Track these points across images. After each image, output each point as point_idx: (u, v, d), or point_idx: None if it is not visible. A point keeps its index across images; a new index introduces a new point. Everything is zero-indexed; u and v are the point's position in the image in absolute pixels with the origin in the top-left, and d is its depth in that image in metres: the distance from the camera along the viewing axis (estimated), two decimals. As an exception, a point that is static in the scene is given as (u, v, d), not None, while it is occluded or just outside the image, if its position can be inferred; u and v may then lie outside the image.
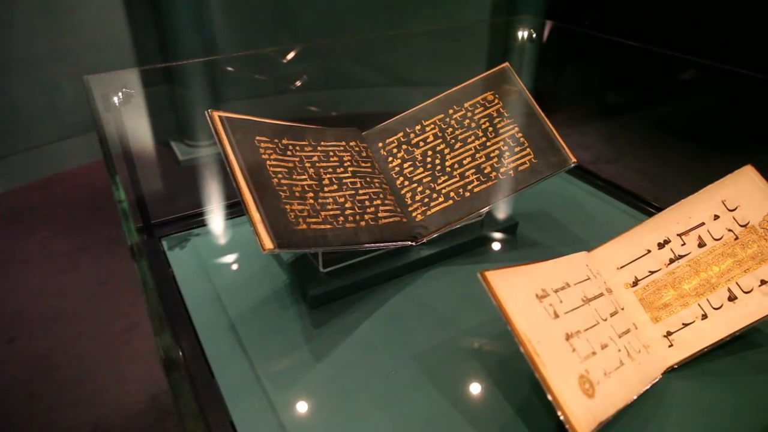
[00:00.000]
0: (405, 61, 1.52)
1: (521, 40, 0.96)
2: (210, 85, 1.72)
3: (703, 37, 1.72)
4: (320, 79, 1.79)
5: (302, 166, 0.64)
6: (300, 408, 0.53)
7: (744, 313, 0.56)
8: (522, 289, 0.46)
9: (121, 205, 0.40)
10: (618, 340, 0.51)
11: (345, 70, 1.73)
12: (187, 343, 0.60)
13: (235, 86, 1.76)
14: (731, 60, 0.87)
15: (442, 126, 0.74)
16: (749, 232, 0.58)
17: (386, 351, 0.58)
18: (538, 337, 0.43)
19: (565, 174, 0.96)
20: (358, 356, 0.58)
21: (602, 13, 1.99)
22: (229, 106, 1.82)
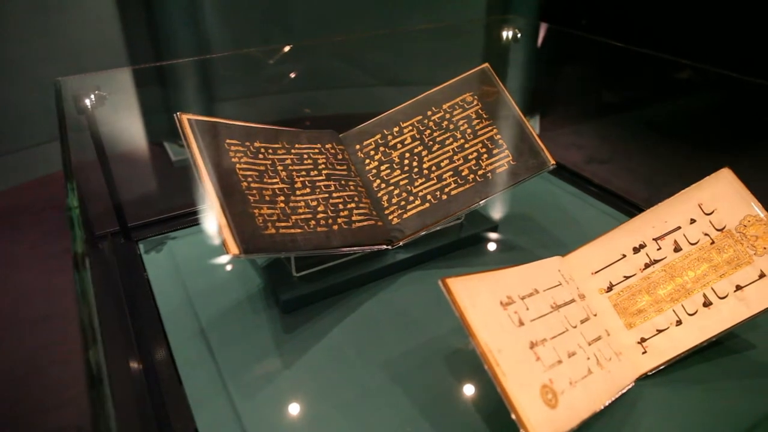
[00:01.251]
0: (400, 60, 1.51)
1: (506, 39, 0.94)
2: (203, 85, 1.71)
3: (700, 38, 1.70)
4: (314, 78, 1.78)
5: (274, 169, 0.63)
6: (265, 416, 0.52)
7: (718, 320, 0.55)
8: (485, 297, 0.45)
9: (70, 212, 0.40)
10: (587, 348, 0.50)
11: (338, 69, 1.72)
12: (158, 348, 0.60)
13: (228, 86, 1.76)
14: (728, 63, 0.86)
15: (420, 128, 0.73)
16: (725, 236, 0.57)
17: (357, 357, 0.58)
18: (500, 346, 0.42)
19: (549, 175, 0.95)
20: (328, 362, 0.57)
21: (599, 12, 1.97)
22: (223, 105, 1.81)
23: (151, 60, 1.81)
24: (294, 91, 1.82)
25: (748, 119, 1.17)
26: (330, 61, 1.73)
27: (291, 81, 1.87)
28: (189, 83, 1.65)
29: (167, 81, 1.65)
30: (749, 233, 0.57)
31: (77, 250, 0.35)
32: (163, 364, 0.58)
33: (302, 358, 0.58)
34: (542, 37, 1.81)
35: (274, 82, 1.73)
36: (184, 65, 1.65)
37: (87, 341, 0.27)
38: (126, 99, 1.26)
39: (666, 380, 0.55)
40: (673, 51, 1.04)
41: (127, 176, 1.16)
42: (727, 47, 1.60)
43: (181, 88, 1.67)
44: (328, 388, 0.54)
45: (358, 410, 0.52)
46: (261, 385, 0.55)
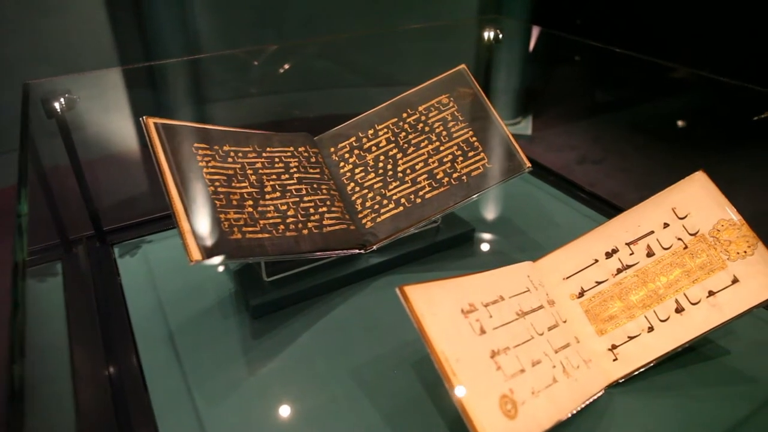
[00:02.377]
0: (388, 60, 1.50)
1: (488, 40, 0.93)
2: (192, 86, 1.70)
3: (696, 41, 1.69)
4: (306, 79, 1.77)
5: (243, 173, 0.62)
6: (228, 423, 0.51)
7: (691, 326, 0.54)
8: (445, 305, 0.44)
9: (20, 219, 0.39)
10: (554, 356, 0.49)
11: (329, 69, 1.71)
12: (126, 353, 0.59)
13: (218, 87, 1.75)
14: (724, 68, 0.85)
15: (396, 130, 0.72)
16: (699, 240, 0.56)
17: (324, 363, 0.57)
18: (458, 356, 0.42)
19: (531, 177, 0.94)
20: (295, 369, 0.56)
21: (593, 12, 1.96)
22: (212, 107, 1.81)
23: (141, 61, 1.81)
24: (285, 92, 1.81)
25: (739, 121, 1.16)
26: (320, 62, 1.72)
27: (282, 82, 1.86)
28: (178, 84, 1.65)
29: (156, 82, 1.64)
30: (723, 238, 0.56)
31: (19, 259, 0.35)
32: (130, 369, 0.57)
33: (269, 364, 0.57)
34: (532, 38, 1.80)
35: (264, 83, 1.72)
36: (174, 66, 1.65)
37: (14, 354, 0.26)
38: (111, 101, 1.26)
39: (637, 388, 0.54)
40: (667, 51, 1.03)
41: (106, 179, 1.16)
42: (723, 52, 1.60)
43: (170, 89, 1.67)
44: (294, 396, 0.54)
45: (323, 418, 0.51)
46: (226, 392, 0.54)
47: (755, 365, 0.57)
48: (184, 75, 1.63)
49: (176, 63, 1.61)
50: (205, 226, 0.54)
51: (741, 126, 1.32)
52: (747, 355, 0.58)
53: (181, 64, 1.64)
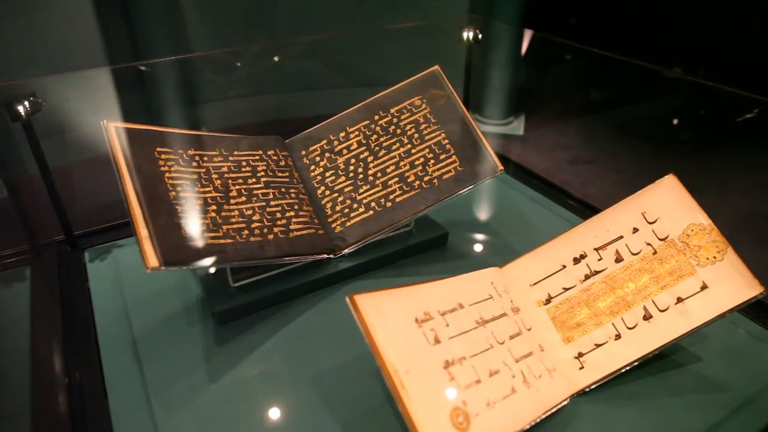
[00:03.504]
0: (373, 60, 1.49)
1: (467, 40, 0.92)
2: (183, 86, 1.70)
3: (690, 44, 1.67)
4: (296, 79, 1.76)
5: (208, 177, 0.61)
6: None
7: (658, 334, 0.52)
8: (397, 314, 0.43)
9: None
10: (514, 365, 0.48)
11: (318, 69, 1.70)
12: (89, 360, 0.58)
13: (208, 87, 1.74)
14: (716, 71, 0.85)
15: (367, 133, 0.71)
16: (668, 246, 0.55)
17: (286, 371, 0.56)
18: (407, 367, 0.41)
19: (511, 179, 0.93)
20: (256, 377, 0.56)
21: (588, 10, 1.94)
22: (203, 107, 1.80)
23: (130, 61, 1.80)
24: (276, 92, 1.80)
25: (731, 123, 1.15)
26: (311, 61, 1.71)
27: (272, 82, 1.85)
28: (167, 85, 1.64)
29: (144, 83, 1.63)
30: (692, 243, 0.54)
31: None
32: (91, 376, 0.56)
33: (230, 372, 0.56)
34: (519, 39, 1.79)
35: (253, 83, 1.72)
36: (163, 67, 1.64)
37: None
38: (100, 102, 1.25)
39: (604, 396, 0.53)
40: (662, 53, 1.02)
41: (88, 182, 1.15)
42: (715, 56, 1.59)
43: (159, 90, 1.66)
44: (252, 404, 0.53)
45: (280, 427, 0.50)
46: (185, 400, 0.53)
47: (726, 372, 0.56)
48: (173, 75, 1.63)
49: (165, 63, 1.60)
50: (164, 232, 0.54)
51: (733, 127, 1.30)
52: (719, 362, 0.57)
53: (171, 65, 1.64)
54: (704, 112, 1.34)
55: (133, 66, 1.60)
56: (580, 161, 1.67)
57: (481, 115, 1.80)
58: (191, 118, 1.78)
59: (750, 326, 0.62)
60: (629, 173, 1.55)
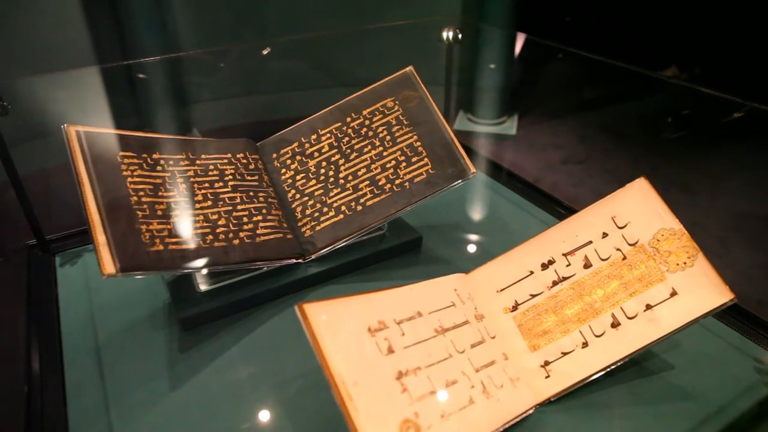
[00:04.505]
0: (368, 60, 1.48)
1: (446, 40, 0.91)
2: (173, 87, 1.69)
3: (681, 47, 1.66)
4: (286, 79, 1.75)
5: (173, 181, 0.61)
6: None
7: (626, 342, 0.51)
8: (349, 323, 0.42)
9: None
10: (473, 375, 0.47)
11: (306, 69, 1.69)
12: (51, 367, 0.58)
13: (196, 87, 1.74)
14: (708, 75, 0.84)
15: (339, 135, 0.70)
16: (638, 251, 0.53)
17: (249, 379, 0.55)
18: (356, 378, 0.40)
19: (491, 180, 0.91)
20: (218, 384, 0.55)
21: (581, 11, 1.92)
22: (194, 108, 1.79)
23: (119, 61, 1.80)
24: (265, 92, 1.80)
25: (721, 125, 1.14)
26: (300, 61, 1.70)
27: (262, 82, 1.85)
28: (156, 85, 1.63)
29: (134, 83, 1.63)
30: (662, 248, 0.53)
31: None
32: (52, 384, 0.56)
33: (193, 379, 0.55)
34: (500, 38, 1.77)
35: (240, 83, 1.71)
36: (152, 67, 1.63)
37: None
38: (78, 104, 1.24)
39: (571, 406, 0.52)
40: (656, 54, 1.01)
41: (59, 185, 1.14)
42: (706, 61, 1.57)
43: (148, 90, 1.65)
44: (210, 413, 0.52)
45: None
46: (144, 408, 0.52)
47: (698, 381, 0.54)
48: (162, 75, 1.63)
49: (155, 64, 1.60)
50: (123, 238, 0.53)
51: (725, 128, 1.29)
52: (691, 370, 0.55)
53: (160, 65, 1.63)
54: (697, 114, 1.33)
55: (123, 66, 1.59)
56: (571, 161, 1.65)
57: (474, 115, 1.79)
58: (181, 118, 1.78)
59: (726, 332, 0.61)
60: (620, 173, 1.53)
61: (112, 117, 1.29)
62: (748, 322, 0.62)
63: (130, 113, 1.67)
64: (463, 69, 1.81)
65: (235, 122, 1.93)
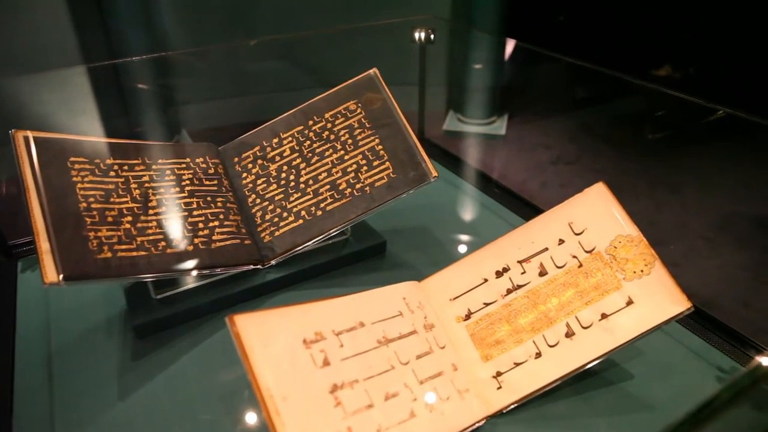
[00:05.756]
0: (352, 59, 1.47)
1: (419, 40, 0.89)
2: (161, 88, 1.69)
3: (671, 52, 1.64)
4: (273, 79, 1.74)
5: (126, 187, 0.60)
6: (82, 455, 0.49)
7: (580, 352, 0.50)
8: (283, 335, 0.41)
9: None
10: (417, 387, 0.46)
11: (296, 69, 1.68)
12: (0, 373, 0.57)
13: (186, 88, 1.73)
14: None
15: (301, 139, 0.69)
16: (594, 258, 0.52)
17: (198, 388, 0.54)
18: (286, 393, 0.38)
19: (465, 183, 0.90)
20: (167, 393, 0.54)
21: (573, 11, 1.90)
22: (182, 109, 1.79)
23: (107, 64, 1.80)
24: (253, 93, 1.79)
25: (711, 125, 1.13)
26: (289, 61, 1.70)
27: (251, 82, 1.84)
28: (143, 86, 1.63)
29: (121, 84, 1.62)
30: (619, 255, 0.51)
31: None
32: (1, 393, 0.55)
33: (141, 388, 0.54)
34: (490, 38, 1.75)
35: (230, 83, 1.71)
36: (139, 67, 1.63)
37: None
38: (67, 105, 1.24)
39: (524, 417, 0.50)
40: (650, 53, 0.99)
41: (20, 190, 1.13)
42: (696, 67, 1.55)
43: (135, 91, 1.65)
44: (155, 423, 0.51)
45: (181, 449, 0.49)
46: (89, 418, 0.51)
47: (657, 391, 0.53)
48: (149, 76, 1.62)
49: (142, 64, 1.60)
50: (68, 246, 0.52)
51: (714, 129, 1.27)
52: (651, 380, 0.54)
53: (147, 66, 1.63)
54: (678, 114, 1.31)
55: (109, 67, 1.59)
56: (561, 161, 1.63)
57: (463, 115, 1.77)
58: (170, 119, 1.77)
59: (691, 340, 0.59)
60: (609, 173, 1.51)
61: (100, 119, 1.29)
62: (713, 329, 0.61)
63: (117, 115, 1.67)
64: (452, 69, 1.79)
65: (226, 123, 1.93)
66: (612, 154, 1.62)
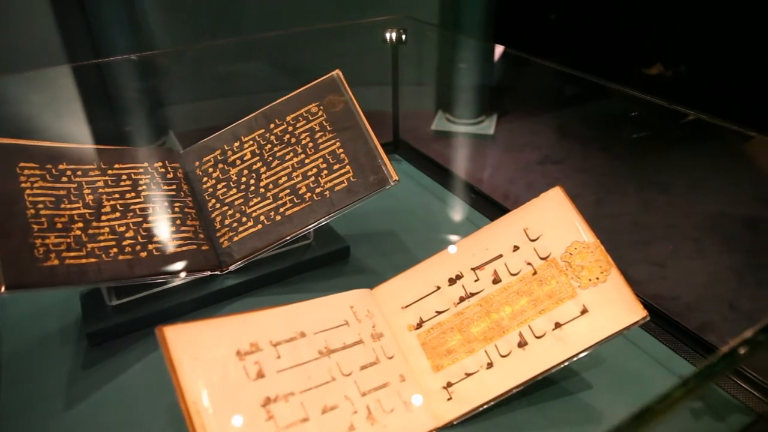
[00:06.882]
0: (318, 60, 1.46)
1: (390, 40, 0.88)
2: (148, 88, 1.68)
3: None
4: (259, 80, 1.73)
5: (78, 193, 0.59)
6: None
7: (533, 363, 0.48)
8: (214, 347, 0.40)
9: None
10: (358, 399, 0.44)
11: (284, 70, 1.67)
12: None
13: (173, 88, 1.73)
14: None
15: (262, 142, 0.67)
16: (549, 265, 0.51)
17: (147, 398, 0.53)
18: (214, 407, 0.37)
19: (436, 184, 0.88)
20: (115, 403, 0.53)
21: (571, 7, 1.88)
22: (169, 109, 1.78)
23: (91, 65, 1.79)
24: (244, 94, 1.78)
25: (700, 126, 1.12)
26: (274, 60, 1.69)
27: (240, 83, 1.83)
28: (129, 86, 1.62)
29: (106, 85, 1.62)
30: (575, 263, 0.50)
31: None
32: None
33: (90, 397, 0.53)
34: (478, 36, 1.73)
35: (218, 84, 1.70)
36: (125, 68, 1.62)
37: None
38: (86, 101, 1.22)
39: (477, 428, 0.49)
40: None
41: None
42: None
43: (125, 91, 1.64)
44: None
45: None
46: (34, 428, 0.51)
47: (616, 401, 0.51)
48: (135, 76, 1.62)
49: (128, 65, 1.59)
50: (12, 254, 0.51)
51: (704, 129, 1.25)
52: (610, 389, 0.53)
53: (133, 66, 1.62)
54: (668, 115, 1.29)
55: (94, 67, 1.58)
56: (549, 161, 1.61)
57: (452, 115, 1.76)
58: (157, 120, 1.77)
59: (654, 347, 0.58)
60: (596, 173, 1.50)
61: (86, 120, 1.28)
62: (679, 335, 0.59)
63: (102, 117, 1.66)
64: (440, 69, 1.77)
65: (214, 123, 1.92)
66: (601, 154, 1.61)
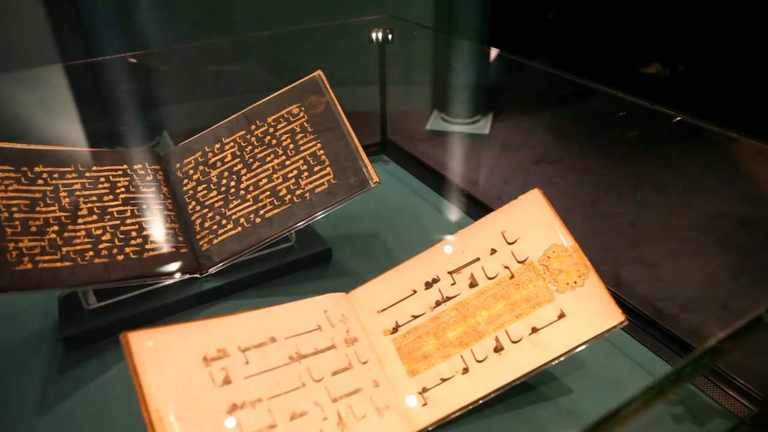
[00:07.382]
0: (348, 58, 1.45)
1: (376, 40, 0.87)
2: (142, 88, 1.68)
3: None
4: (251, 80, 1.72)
5: (55, 196, 0.58)
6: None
7: (509, 368, 0.48)
8: (180, 352, 0.39)
9: None
10: (329, 406, 0.44)
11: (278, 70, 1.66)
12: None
13: (169, 87, 1.72)
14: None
15: (242, 144, 0.67)
16: (527, 269, 0.50)
17: (121, 405, 0.53)
18: (177, 414, 0.37)
19: (422, 186, 0.88)
20: (88, 410, 0.52)
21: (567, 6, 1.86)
22: (163, 109, 1.78)
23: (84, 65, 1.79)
24: (238, 93, 1.77)
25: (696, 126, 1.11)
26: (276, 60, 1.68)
27: (235, 83, 1.82)
28: (123, 86, 1.62)
29: (99, 86, 1.62)
30: (553, 266, 0.49)
31: None
32: None
33: (64, 403, 0.53)
34: (474, 36, 1.71)
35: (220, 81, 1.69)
36: (119, 67, 1.62)
37: None
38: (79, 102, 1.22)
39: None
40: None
41: None
42: None
43: (119, 90, 1.64)
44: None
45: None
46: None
47: (595, 406, 0.51)
48: (129, 76, 1.61)
49: (122, 64, 1.59)
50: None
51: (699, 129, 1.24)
52: (590, 395, 0.52)
53: (128, 65, 1.62)
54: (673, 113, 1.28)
55: (88, 67, 1.58)
56: (544, 161, 1.60)
57: (447, 114, 1.75)
58: (151, 121, 1.76)
59: (637, 351, 0.57)
60: (592, 173, 1.48)
61: (79, 120, 1.28)
62: (663, 339, 0.58)
63: (96, 117, 1.66)
64: (436, 68, 1.76)
65: (211, 123, 1.92)
66: (597, 154, 1.59)
